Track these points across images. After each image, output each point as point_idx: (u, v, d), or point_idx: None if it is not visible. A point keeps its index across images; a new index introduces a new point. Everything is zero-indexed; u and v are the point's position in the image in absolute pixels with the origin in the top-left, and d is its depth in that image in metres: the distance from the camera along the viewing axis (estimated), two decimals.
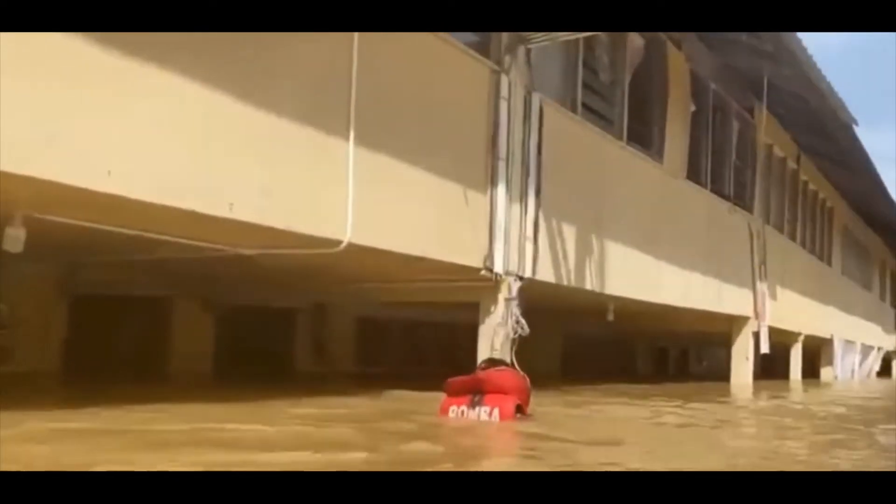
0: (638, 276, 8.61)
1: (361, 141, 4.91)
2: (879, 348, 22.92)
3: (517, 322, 6.32)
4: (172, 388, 6.74)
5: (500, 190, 6.24)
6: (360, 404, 5.61)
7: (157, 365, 8.37)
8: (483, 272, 6.14)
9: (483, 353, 6.31)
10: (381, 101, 5.14)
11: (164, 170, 3.87)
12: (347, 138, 4.82)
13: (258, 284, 8.30)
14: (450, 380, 4.57)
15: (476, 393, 4.38)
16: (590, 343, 14.72)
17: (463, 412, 4.37)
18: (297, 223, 4.56)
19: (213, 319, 8.81)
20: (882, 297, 25.91)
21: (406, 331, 11.17)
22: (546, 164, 6.73)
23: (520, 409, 4.41)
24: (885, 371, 23.87)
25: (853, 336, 19.47)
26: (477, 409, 4.32)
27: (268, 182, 4.39)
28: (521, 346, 6.33)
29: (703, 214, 10.62)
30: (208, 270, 7.45)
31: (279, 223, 4.45)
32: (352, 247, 4.90)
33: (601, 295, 7.93)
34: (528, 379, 4.72)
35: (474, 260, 6.07)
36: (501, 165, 6.25)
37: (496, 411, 4.29)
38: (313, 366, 9.75)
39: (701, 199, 10.55)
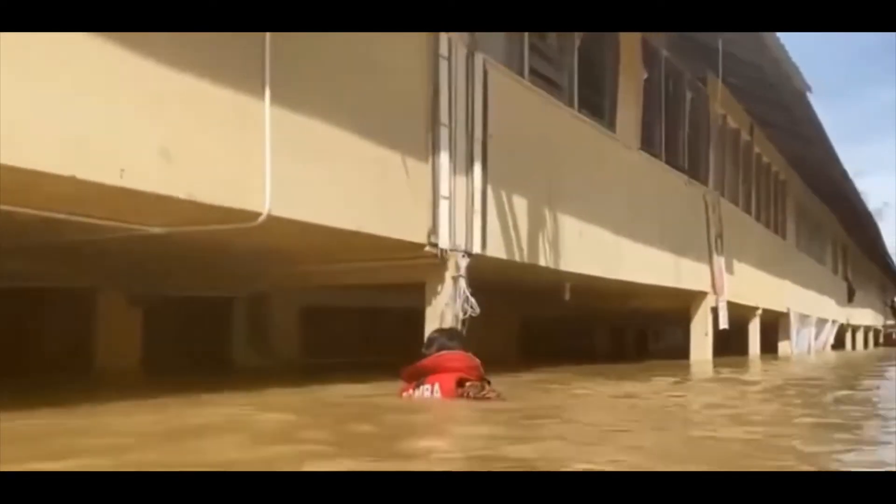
0: (594, 251, 8.17)
1: (280, 100, 4.33)
2: (834, 321, 22.99)
3: (466, 301, 5.81)
4: (85, 389, 6.12)
5: (443, 158, 5.71)
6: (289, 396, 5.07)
7: (81, 362, 7.71)
8: (427, 248, 5.62)
9: None
10: (302, 58, 4.56)
11: (38, 130, 3.26)
12: (262, 97, 4.23)
13: (189, 274, 7.67)
14: (404, 367, 4.55)
15: (423, 376, 4.40)
16: (548, 324, 14.32)
17: (411, 395, 4.40)
18: (204, 193, 3.98)
19: (140, 313, 8.14)
20: (835, 271, 26.05)
21: (356, 319, 10.59)
22: (493, 131, 6.22)
23: (461, 384, 4.29)
24: (839, 344, 24.01)
25: (809, 310, 19.42)
26: (420, 388, 4.36)
27: (168, 145, 3.80)
28: (476, 328, 5.86)
29: (659, 187, 10.24)
30: (132, 259, 6.81)
31: (181, 192, 3.86)
32: (273, 220, 4.33)
33: (556, 272, 7.47)
34: (475, 358, 4.55)
35: (417, 235, 5.54)
36: (443, 132, 5.72)
37: (437, 387, 4.29)
38: (253, 359, 9.13)
39: (656, 171, 10.16)
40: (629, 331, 18.42)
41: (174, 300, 8.40)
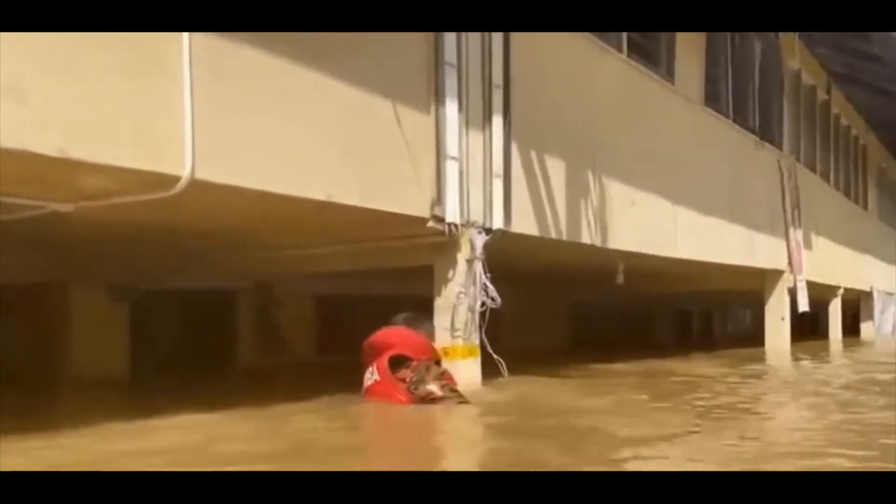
0: (649, 225, 6.83)
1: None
2: None
3: (485, 290, 4.57)
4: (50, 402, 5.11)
5: (450, 108, 4.45)
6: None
7: (52, 369, 6.71)
8: (431, 224, 4.38)
9: (442, 334, 4.59)
10: None
11: None
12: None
13: (177, 262, 6.57)
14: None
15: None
16: (601, 311, 12.97)
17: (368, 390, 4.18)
18: (86, 149, 2.81)
19: (126, 309, 7.10)
20: None
21: (377, 309, 9.39)
22: (518, 75, 4.95)
23: (401, 362, 4.07)
24: None
25: (893, 287, 17.60)
26: (367, 372, 4.19)
27: (21, 80, 2.64)
28: (522, 319, 4.73)
29: (726, 149, 8.78)
30: (99, 245, 5.77)
31: (48, 148, 2.70)
32: (200, 186, 3.15)
33: (603, 251, 6.16)
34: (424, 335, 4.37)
35: (415, 206, 4.31)
36: (450, 73, 4.46)
37: (374, 368, 4.11)
38: (262, 358, 8.04)
39: (723, 132, 8.70)
40: (694, 316, 16.91)
41: (165, 294, 7.36)
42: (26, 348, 6.77)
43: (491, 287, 4.55)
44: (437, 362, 4.17)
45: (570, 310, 12.32)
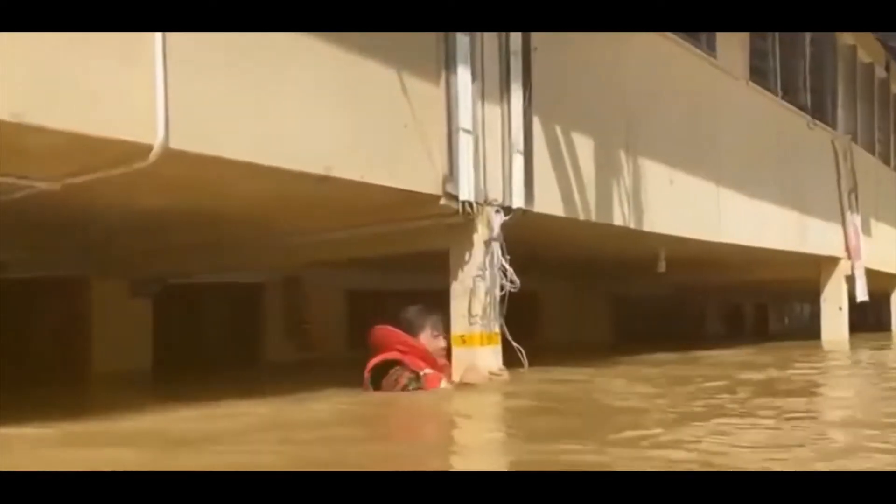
0: (689, 207, 6.41)
1: None
2: None
3: (504, 273, 4.25)
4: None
5: (462, 76, 4.13)
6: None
7: (77, 364, 6.59)
8: (443, 201, 4.08)
9: (460, 320, 4.29)
10: None
11: None
12: None
13: (199, 255, 6.36)
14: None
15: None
16: (646, 303, 12.50)
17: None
18: (40, 113, 2.58)
19: (149, 304, 6.95)
20: None
21: (409, 303, 9.10)
22: (540, 41, 4.61)
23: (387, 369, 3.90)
24: None
25: None
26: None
27: None
28: (564, 314, 4.42)
29: (775, 128, 8.28)
30: (122, 240, 5.62)
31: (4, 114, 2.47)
32: (175, 156, 2.90)
33: (638, 234, 5.78)
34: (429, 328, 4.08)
35: (425, 183, 4.00)
36: (461, 38, 4.14)
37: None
38: (291, 353, 7.83)
39: (771, 109, 8.20)
40: (747, 310, 16.28)
41: (190, 288, 7.20)
42: (54, 343, 6.68)
43: (510, 270, 4.21)
44: (415, 371, 3.89)
45: (613, 304, 11.88)
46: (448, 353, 4.21)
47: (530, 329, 10.35)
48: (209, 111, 3.02)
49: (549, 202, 4.76)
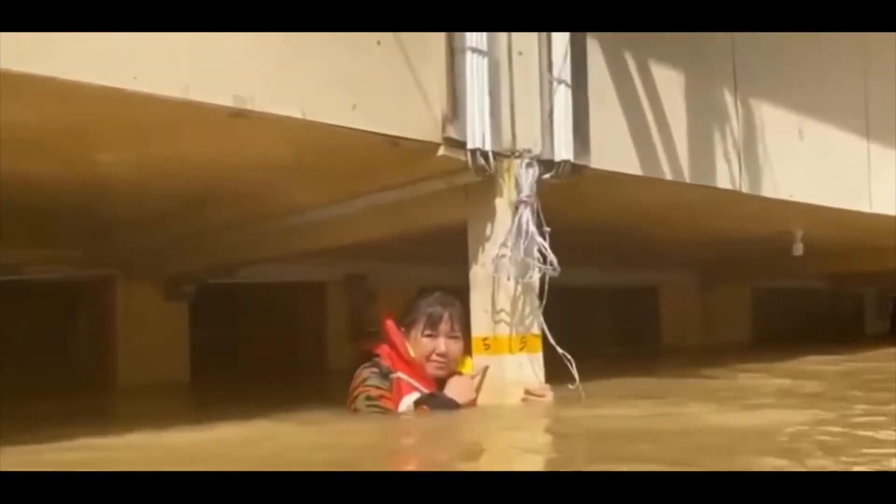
0: (826, 168, 4.89)
1: None
2: None
3: (540, 252, 3.01)
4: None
5: None
6: None
7: (103, 374, 5.88)
8: (443, 151, 2.89)
9: (482, 317, 3.10)
10: None
11: None
12: None
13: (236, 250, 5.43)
14: None
15: None
16: (792, 300, 10.75)
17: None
18: None
19: (185, 308, 6.14)
20: None
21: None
22: None
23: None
24: None
25: None
26: None
27: None
28: (690, 313, 3.87)
29: None
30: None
31: None
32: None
33: (756, 200, 4.37)
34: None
35: (411, 124, 2.83)
36: None
37: None
38: (355, 360, 6.82)
39: None
40: None
41: (234, 288, 6.34)
42: (87, 350, 6.06)
43: (546, 246, 2.96)
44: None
45: (752, 298, 10.22)
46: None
47: (653, 334, 8.97)
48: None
49: (614, 156, 3.48)
